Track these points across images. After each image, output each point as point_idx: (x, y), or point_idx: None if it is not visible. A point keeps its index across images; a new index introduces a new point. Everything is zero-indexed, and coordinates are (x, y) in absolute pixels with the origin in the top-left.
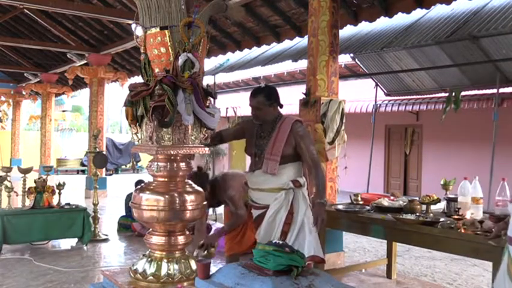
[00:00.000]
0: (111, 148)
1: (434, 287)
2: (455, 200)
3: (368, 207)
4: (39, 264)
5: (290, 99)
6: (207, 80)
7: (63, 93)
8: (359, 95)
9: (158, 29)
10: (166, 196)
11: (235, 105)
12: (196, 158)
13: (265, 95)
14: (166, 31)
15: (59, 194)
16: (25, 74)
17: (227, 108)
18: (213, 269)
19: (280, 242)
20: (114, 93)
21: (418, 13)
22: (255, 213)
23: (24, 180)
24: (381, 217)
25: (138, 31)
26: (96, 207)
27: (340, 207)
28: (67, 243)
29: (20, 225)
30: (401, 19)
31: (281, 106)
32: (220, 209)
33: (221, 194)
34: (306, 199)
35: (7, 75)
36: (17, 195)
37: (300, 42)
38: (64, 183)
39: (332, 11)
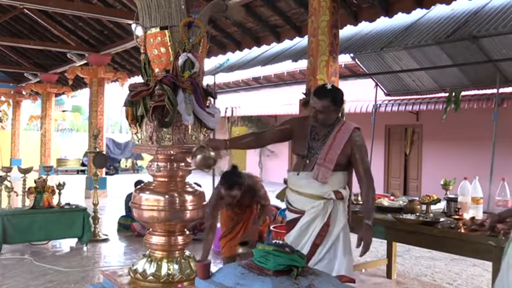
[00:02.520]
0: (111, 146)
1: (434, 287)
2: (455, 200)
3: None
4: (39, 264)
5: (290, 99)
6: (207, 80)
7: (63, 93)
8: (359, 95)
9: (158, 29)
10: (166, 196)
11: (235, 105)
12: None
13: (331, 99)
14: (166, 31)
15: (59, 194)
16: (25, 74)
17: (227, 108)
18: (213, 269)
19: (281, 242)
20: (114, 93)
21: (418, 13)
22: (289, 215)
23: (24, 180)
24: (381, 217)
25: (138, 31)
26: (96, 207)
27: None
28: (67, 244)
29: (20, 225)
30: (401, 19)
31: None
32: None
33: (253, 194)
34: (346, 213)
35: (7, 75)
36: (17, 195)
37: (300, 42)
38: (64, 183)
39: (332, 11)
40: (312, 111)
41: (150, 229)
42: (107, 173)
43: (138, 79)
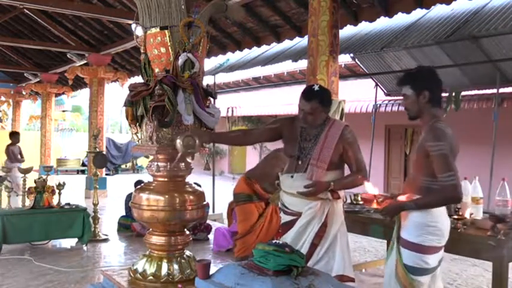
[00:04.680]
0: (111, 149)
1: None
2: None
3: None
4: (39, 264)
5: (290, 99)
6: (207, 80)
7: (63, 93)
8: (359, 95)
9: (158, 29)
10: (166, 196)
11: (235, 105)
12: (196, 158)
13: (320, 100)
14: (166, 31)
15: (59, 194)
16: (25, 74)
17: (228, 108)
18: (213, 269)
19: (281, 242)
20: (114, 93)
21: (418, 13)
22: (284, 218)
23: (24, 180)
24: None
25: (138, 31)
26: (96, 207)
27: None
28: (67, 243)
29: (20, 225)
30: (401, 19)
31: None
32: (221, 209)
33: None
34: (342, 212)
35: (7, 75)
36: (17, 195)
37: (300, 42)
38: (64, 183)
39: (332, 11)
40: (300, 113)
41: (150, 229)
42: (107, 174)
43: (138, 79)
